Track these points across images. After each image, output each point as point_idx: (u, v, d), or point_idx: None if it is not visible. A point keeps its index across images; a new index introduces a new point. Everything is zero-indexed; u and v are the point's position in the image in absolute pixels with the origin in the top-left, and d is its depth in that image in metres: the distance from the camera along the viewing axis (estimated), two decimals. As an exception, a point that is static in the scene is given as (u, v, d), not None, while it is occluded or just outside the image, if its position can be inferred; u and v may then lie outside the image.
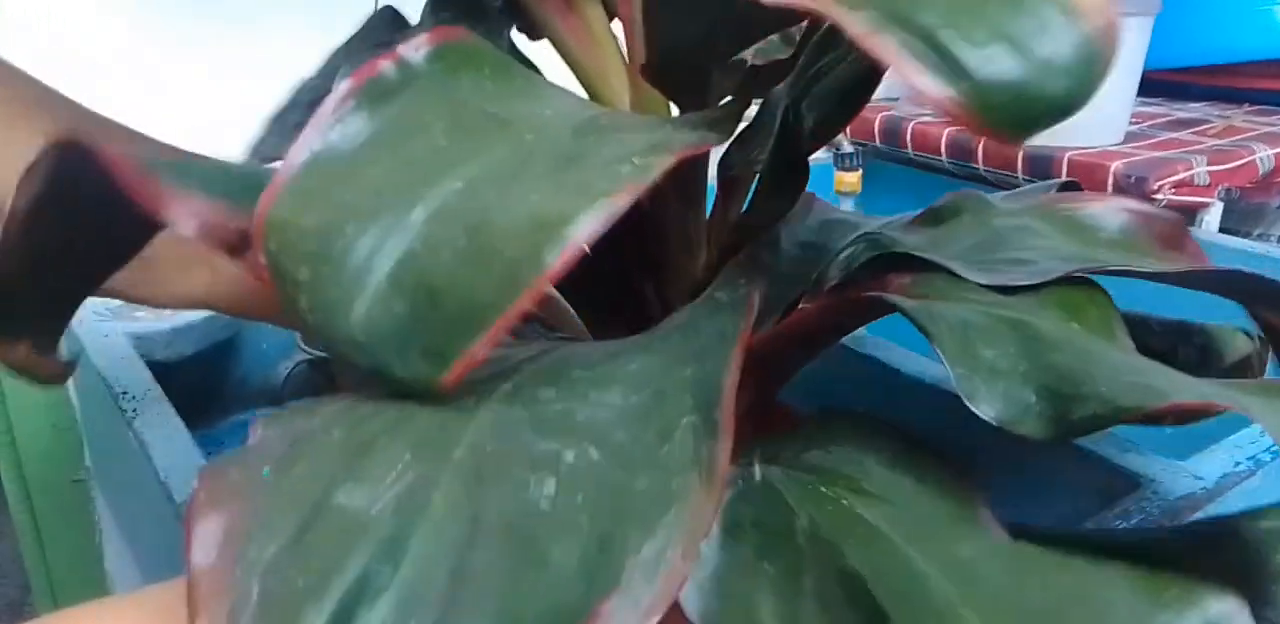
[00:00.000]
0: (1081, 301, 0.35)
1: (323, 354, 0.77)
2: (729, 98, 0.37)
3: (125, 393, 0.60)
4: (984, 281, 0.36)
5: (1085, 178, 0.87)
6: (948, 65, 0.23)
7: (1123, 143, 0.98)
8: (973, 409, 0.30)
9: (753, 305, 0.26)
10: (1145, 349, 0.35)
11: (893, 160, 1.15)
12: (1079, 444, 0.55)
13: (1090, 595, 0.27)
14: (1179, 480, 0.50)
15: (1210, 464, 0.51)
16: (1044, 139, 0.97)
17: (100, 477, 0.85)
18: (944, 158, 1.03)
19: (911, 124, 1.09)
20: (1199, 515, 0.48)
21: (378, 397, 0.24)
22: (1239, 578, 0.36)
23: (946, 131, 1.04)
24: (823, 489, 0.32)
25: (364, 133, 0.25)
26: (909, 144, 1.09)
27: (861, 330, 0.68)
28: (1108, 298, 0.35)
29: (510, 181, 0.24)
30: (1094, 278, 0.37)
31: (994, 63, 0.23)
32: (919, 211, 0.48)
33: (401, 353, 0.23)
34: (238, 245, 0.24)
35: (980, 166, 0.97)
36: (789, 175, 0.35)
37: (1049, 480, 0.54)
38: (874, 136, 1.13)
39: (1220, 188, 0.84)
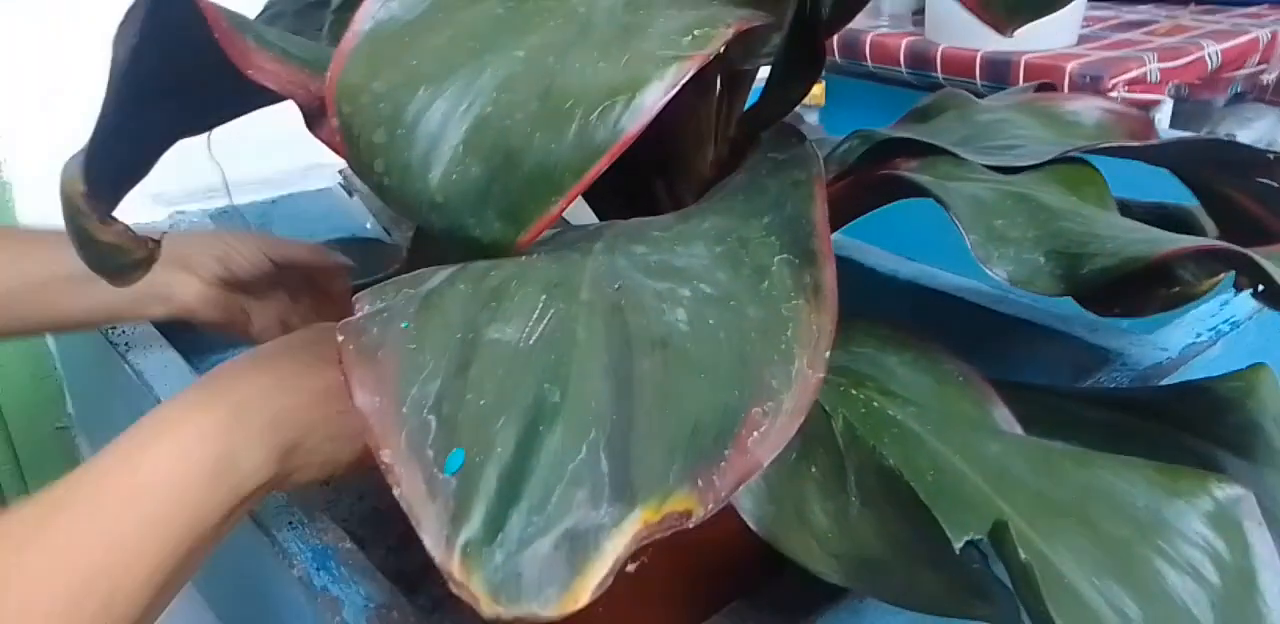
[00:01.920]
0: (1079, 179, 0.37)
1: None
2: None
3: (114, 328, 0.60)
4: (985, 163, 0.37)
5: (1042, 79, 0.88)
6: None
7: (1076, 45, 1.00)
8: (988, 272, 0.33)
9: (817, 154, 0.27)
10: (1132, 223, 0.37)
11: (852, 74, 1.16)
12: (1051, 325, 0.58)
13: (1110, 488, 0.30)
14: (1146, 352, 0.53)
15: (1174, 336, 0.54)
16: (1000, 44, 0.98)
17: (85, 422, 0.85)
18: (903, 68, 1.05)
19: (870, 36, 1.09)
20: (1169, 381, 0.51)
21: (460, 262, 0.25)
22: (1211, 426, 0.40)
23: (905, 42, 1.05)
24: (853, 392, 0.34)
25: (423, 1, 0.25)
26: (868, 56, 1.10)
27: (837, 234, 0.70)
28: (1101, 176, 0.38)
29: (571, 49, 0.25)
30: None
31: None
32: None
33: (478, 214, 0.24)
34: (316, 108, 0.25)
35: (939, 74, 0.99)
36: (805, 64, 0.36)
37: (1027, 359, 0.57)
38: (832, 51, 1.14)
39: (1171, 85, 0.87)
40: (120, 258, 0.27)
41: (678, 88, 0.23)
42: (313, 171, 0.85)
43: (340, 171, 0.85)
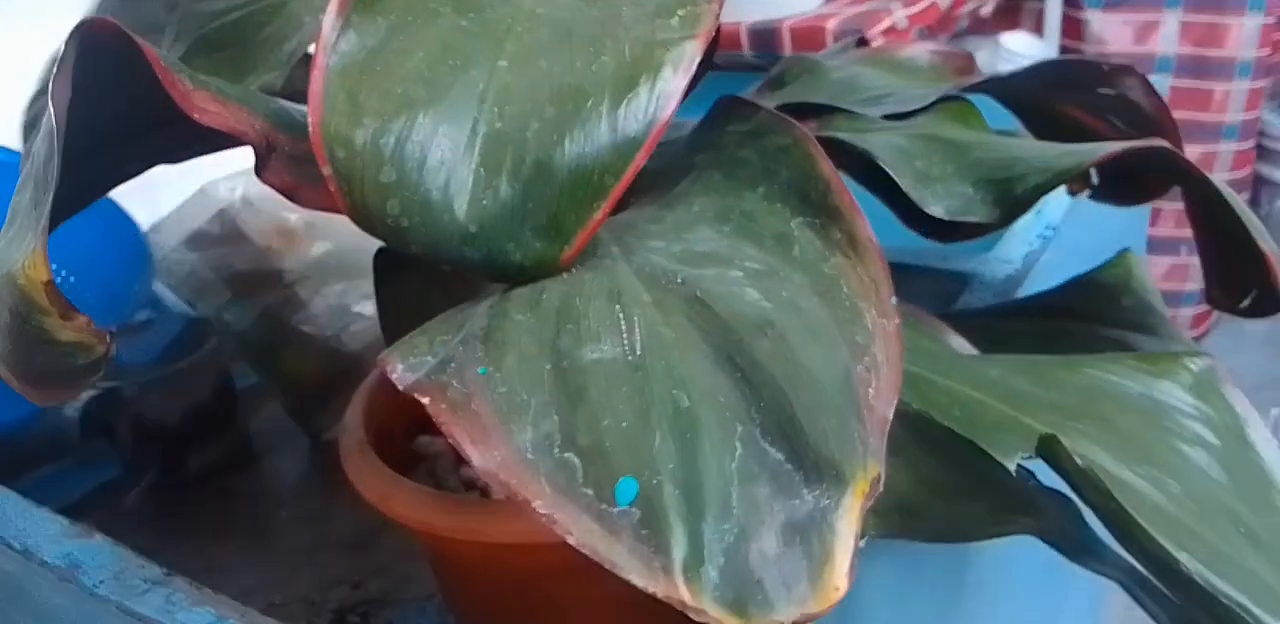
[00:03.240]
0: (964, 114, 0.39)
1: (109, 384, 0.69)
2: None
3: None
4: (877, 114, 0.39)
5: (809, 41, 0.94)
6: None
7: (825, 4, 1.07)
8: (927, 211, 0.34)
9: (788, 118, 0.27)
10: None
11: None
12: (907, 261, 0.62)
13: (1105, 385, 0.32)
14: (995, 268, 0.58)
15: (1012, 249, 0.60)
16: (760, 14, 1.02)
17: None
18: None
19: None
20: (1024, 291, 0.56)
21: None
22: (1111, 312, 0.44)
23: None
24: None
25: (381, 24, 0.23)
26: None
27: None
28: (978, 110, 0.40)
29: (557, 49, 0.23)
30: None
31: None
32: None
33: (517, 236, 0.22)
34: (264, 148, 0.23)
35: (707, 49, 1.02)
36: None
37: (902, 295, 0.60)
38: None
39: (915, 29, 0.96)
40: (78, 359, 0.23)
41: (694, 68, 0.22)
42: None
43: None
